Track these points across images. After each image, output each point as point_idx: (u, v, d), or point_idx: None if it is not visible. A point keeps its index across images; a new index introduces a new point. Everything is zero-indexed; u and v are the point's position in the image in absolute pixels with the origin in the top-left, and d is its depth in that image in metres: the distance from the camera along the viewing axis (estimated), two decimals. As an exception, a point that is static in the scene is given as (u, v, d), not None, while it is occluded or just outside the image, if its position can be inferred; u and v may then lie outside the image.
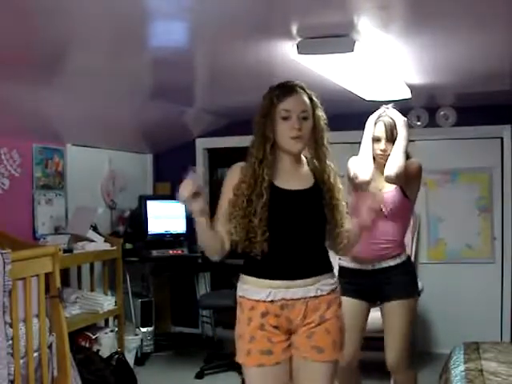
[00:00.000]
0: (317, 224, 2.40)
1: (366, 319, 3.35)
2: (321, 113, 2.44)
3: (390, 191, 3.21)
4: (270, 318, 2.34)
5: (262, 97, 2.40)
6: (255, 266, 2.38)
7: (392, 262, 3.25)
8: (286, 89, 2.36)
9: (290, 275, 2.35)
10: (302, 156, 2.48)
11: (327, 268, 2.45)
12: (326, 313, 2.38)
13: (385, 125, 3.20)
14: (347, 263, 3.27)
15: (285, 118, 2.33)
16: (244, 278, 2.42)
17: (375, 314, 3.40)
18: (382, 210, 2.89)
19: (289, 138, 2.34)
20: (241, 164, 2.44)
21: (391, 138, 3.20)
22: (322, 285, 2.38)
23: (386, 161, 3.21)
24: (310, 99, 2.40)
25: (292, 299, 2.34)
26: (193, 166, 6.28)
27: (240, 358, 2.40)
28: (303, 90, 2.39)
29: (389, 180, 3.20)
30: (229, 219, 2.37)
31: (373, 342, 3.70)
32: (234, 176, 2.41)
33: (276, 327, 2.35)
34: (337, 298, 2.44)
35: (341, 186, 2.47)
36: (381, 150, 3.21)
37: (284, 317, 2.35)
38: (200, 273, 6.09)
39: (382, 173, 3.23)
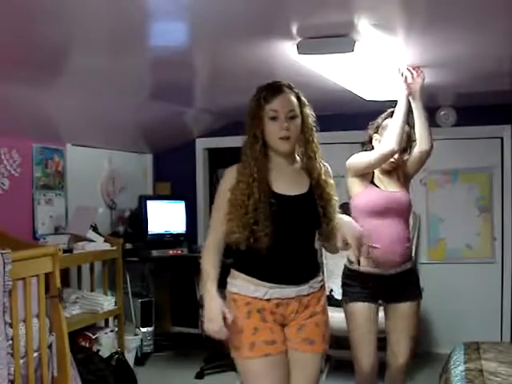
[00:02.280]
0: (311, 228, 2.45)
1: None
2: (309, 111, 2.45)
3: (398, 191, 3.20)
4: (266, 313, 2.40)
5: (250, 98, 2.42)
6: (252, 268, 2.42)
7: (410, 265, 3.25)
8: (273, 89, 2.39)
9: (285, 280, 2.40)
10: (296, 155, 2.50)
11: (317, 269, 2.54)
12: (315, 307, 2.46)
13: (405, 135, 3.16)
14: (366, 268, 3.12)
15: (273, 118, 2.35)
16: (236, 274, 2.45)
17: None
18: (374, 246, 2.87)
19: (277, 138, 2.36)
20: (235, 166, 2.46)
21: (405, 149, 3.19)
22: (314, 283, 2.47)
23: (394, 169, 3.20)
24: (298, 98, 2.42)
25: (287, 298, 2.40)
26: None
27: (243, 353, 2.39)
28: (290, 89, 2.41)
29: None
30: (228, 219, 2.38)
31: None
32: (230, 177, 2.43)
33: (267, 322, 2.41)
34: (324, 293, 2.54)
35: (332, 182, 2.50)
36: (394, 158, 3.15)
37: (279, 314, 2.41)
38: (200, 273, 6.07)
39: (389, 176, 3.20)
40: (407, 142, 3.19)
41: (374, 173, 3.19)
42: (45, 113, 4.30)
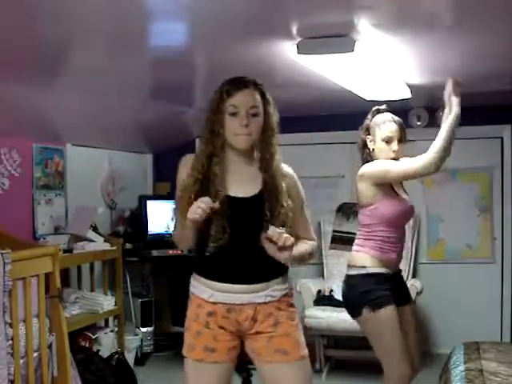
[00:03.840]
0: (257, 231, 2.22)
1: None
2: (272, 110, 2.32)
3: (408, 198, 3.21)
4: (217, 318, 2.31)
5: (214, 91, 2.33)
6: (200, 265, 2.38)
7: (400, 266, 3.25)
8: (236, 84, 2.28)
9: (231, 279, 2.30)
10: (255, 155, 2.37)
11: (278, 272, 2.35)
12: (278, 316, 2.32)
13: (397, 124, 3.11)
14: (379, 269, 3.04)
15: (233, 114, 2.24)
16: (194, 274, 2.42)
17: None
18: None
19: (234, 134, 2.26)
20: (191, 156, 2.39)
21: (403, 138, 3.12)
22: (273, 290, 2.32)
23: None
24: (262, 95, 2.29)
25: (235, 304, 2.29)
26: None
27: (184, 350, 2.37)
28: (255, 85, 2.29)
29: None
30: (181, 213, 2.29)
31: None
32: (183, 171, 2.37)
33: (222, 327, 2.32)
34: (289, 300, 2.38)
35: (285, 189, 2.31)
36: (394, 152, 3.08)
37: (233, 319, 2.31)
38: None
39: None
40: (403, 132, 3.16)
41: None
42: (45, 113, 4.30)
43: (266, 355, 2.32)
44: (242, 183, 2.32)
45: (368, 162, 3.16)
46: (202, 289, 2.37)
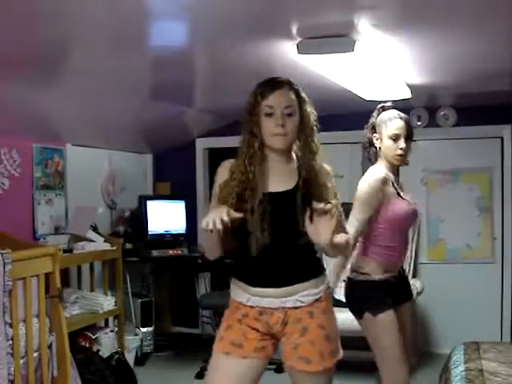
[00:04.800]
0: (295, 228, 2.25)
1: None
2: (309, 108, 2.33)
3: (412, 200, 3.20)
4: (250, 319, 2.34)
5: (249, 94, 2.33)
6: (235, 269, 2.40)
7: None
8: (270, 85, 2.28)
9: (264, 283, 2.30)
10: (293, 153, 2.38)
11: (310, 275, 2.35)
12: (308, 323, 2.31)
13: (404, 121, 3.05)
14: (383, 276, 3.02)
15: (268, 115, 2.25)
16: (232, 279, 2.42)
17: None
18: None
19: (271, 134, 2.26)
20: (230, 161, 2.37)
21: (410, 135, 3.06)
22: (303, 296, 2.31)
23: (403, 162, 3.11)
24: (297, 95, 2.30)
25: (269, 308, 2.31)
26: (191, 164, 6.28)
27: (215, 344, 2.39)
28: (289, 85, 2.30)
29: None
30: None
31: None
32: (224, 174, 2.34)
33: (254, 329, 2.33)
34: (322, 306, 2.35)
35: (329, 185, 2.34)
36: (401, 149, 3.01)
37: (264, 322, 2.33)
38: (200, 273, 6.08)
39: (396, 174, 3.17)
40: (410, 129, 3.12)
41: (393, 183, 3.05)
42: (45, 113, 4.30)
43: (290, 360, 2.34)
44: (280, 181, 2.32)
45: (371, 161, 3.14)
46: (238, 293, 2.38)
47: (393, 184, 3.04)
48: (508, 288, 5.45)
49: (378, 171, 3.03)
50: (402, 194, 3.07)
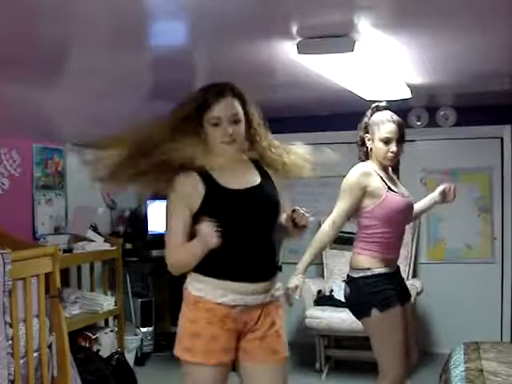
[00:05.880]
0: (273, 218, 2.33)
1: None
2: (254, 109, 2.34)
3: (409, 195, 3.21)
4: (229, 320, 2.28)
5: (190, 97, 2.32)
6: (215, 266, 2.27)
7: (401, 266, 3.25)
8: (214, 93, 2.26)
9: (252, 277, 2.28)
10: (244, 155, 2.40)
11: (277, 270, 2.40)
12: (275, 316, 2.36)
13: (396, 124, 3.04)
14: (383, 269, 3.02)
15: (215, 125, 2.25)
16: (199, 276, 2.29)
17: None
18: None
19: (219, 142, 2.26)
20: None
21: (402, 139, 3.07)
22: (276, 290, 2.38)
23: (393, 163, 3.11)
24: (241, 99, 2.30)
25: (252, 306, 2.30)
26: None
27: (197, 358, 2.25)
28: (232, 91, 2.28)
29: None
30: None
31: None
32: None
33: (228, 330, 2.29)
34: (281, 300, 2.44)
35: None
36: (392, 152, 3.03)
37: (241, 320, 2.30)
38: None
39: (387, 172, 3.17)
40: (402, 132, 3.12)
41: (381, 177, 3.07)
42: (45, 113, 4.30)
43: (256, 353, 2.33)
44: (242, 176, 2.33)
45: (361, 159, 3.16)
46: (215, 292, 2.26)
47: (382, 178, 3.06)
48: (508, 288, 5.44)
49: (363, 165, 3.10)
50: (393, 188, 3.08)
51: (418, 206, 3.29)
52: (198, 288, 2.29)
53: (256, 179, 2.35)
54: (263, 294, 2.31)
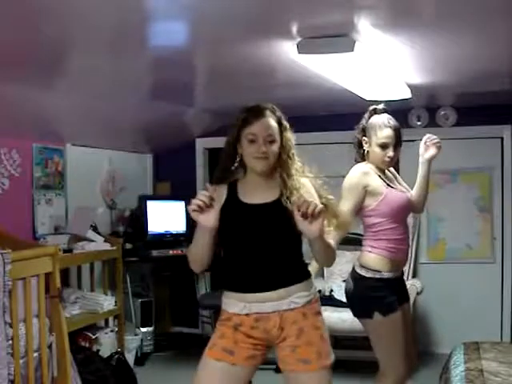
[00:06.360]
0: (281, 235, 2.38)
1: None
2: (290, 135, 2.49)
3: (407, 191, 3.21)
4: (245, 328, 2.39)
5: (235, 117, 2.47)
6: (228, 280, 2.46)
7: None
8: (255, 113, 2.42)
9: (260, 288, 2.38)
10: (276, 175, 2.49)
11: (300, 277, 2.44)
12: (303, 325, 2.38)
13: (393, 130, 3.08)
14: (389, 273, 3.05)
15: (251, 141, 2.38)
16: (224, 292, 2.49)
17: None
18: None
19: (253, 157, 2.40)
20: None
21: (398, 144, 3.11)
22: (296, 297, 2.39)
23: (389, 167, 3.16)
24: (279, 122, 2.45)
25: (266, 312, 2.37)
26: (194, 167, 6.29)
27: (206, 350, 2.45)
28: (273, 113, 2.44)
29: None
30: None
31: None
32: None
33: (250, 337, 2.39)
34: (314, 307, 2.44)
35: (312, 192, 2.45)
36: (389, 157, 3.08)
37: (261, 328, 2.39)
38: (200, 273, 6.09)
39: (384, 172, 3.18)
40: (399, 137, 3.14)
41: (379, 176, 3.11)
42: (45, 113, 4.30)
43: (289, 364, 2.39)
44: (257, 195, 2.44)
45: (356, 161, 3.19)
46: (230, 304, 2.43)
47: (380, 177, 3.09)
48: (508, 288, 5.45)
49: (362, 165, 3.13)
50: (392, 185, 3.12)
51: (416, 187, 3.26)
52: (224, 302, 2.48)
53: (273, 196, 2.43)
54: (277, 301, 2.37)
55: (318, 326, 2.42)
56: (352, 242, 3.92)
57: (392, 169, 3.25)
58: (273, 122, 2.42)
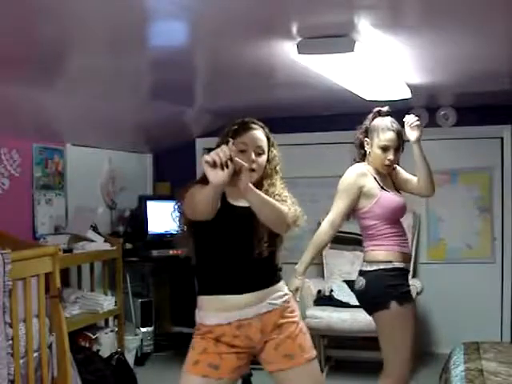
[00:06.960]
0: (264, 237, 2.40)
1: None
2: (276, 151, 2.54)
3: (401, 195, 3.23)
4: (228, 337, 2.41)
5: (226, 129, 2.53)
6: (205, 282, 2.53)
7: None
8: (246, 125, 2.50)
9: (240, 289, 2.40)
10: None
11: (276, 280, 2.51)
12: (281, 322, 2.44)
13: (395, 133, 3.09)
14: (402, 264, 3.09)
15: (242, 151, 2.42)
16: (199, 301, 2.52)
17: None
18: None
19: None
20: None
21: (399, 147, 3.12)
22: (273, 299, 2.45)
23: (388, 170, 3.17)
24: (268, 138, 2.52)
25: (246, 318, 2.40)
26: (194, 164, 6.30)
27: (187, 367, 2.45)
28: (263, 129, 2.52)
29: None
30: None
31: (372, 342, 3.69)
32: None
33: (233, 346, 2.41)
34: (290, 305, 2.50)
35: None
36: (389, 160, 3.10)
37: (243, 336, 2.41)
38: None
39: (385, 176, 3.19)
40: (401, 140, 3.15)
41: (375, 178, 3.13)
42: (45, 113, 4.30)
43: (276, 363, 2.44)
44: (241, 198, 2.42)
45: (355, 160, 3.21)
46: (211, 316, 2.44)
47: (375, 179, 3.11)
48: (508, 288, 5.45)
49: (359, 166, 3.16)
50: (386, 188, 3.13)
51: (416, 170, 3.24)
52: (199, 315, 2.51)
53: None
54: (256, 305, 2.41)
55: (296, 320, 2.49)
56: (351, 242, 3.93)
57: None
58: (262, 136, 2.50)
